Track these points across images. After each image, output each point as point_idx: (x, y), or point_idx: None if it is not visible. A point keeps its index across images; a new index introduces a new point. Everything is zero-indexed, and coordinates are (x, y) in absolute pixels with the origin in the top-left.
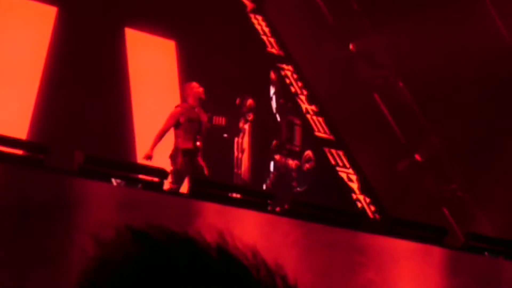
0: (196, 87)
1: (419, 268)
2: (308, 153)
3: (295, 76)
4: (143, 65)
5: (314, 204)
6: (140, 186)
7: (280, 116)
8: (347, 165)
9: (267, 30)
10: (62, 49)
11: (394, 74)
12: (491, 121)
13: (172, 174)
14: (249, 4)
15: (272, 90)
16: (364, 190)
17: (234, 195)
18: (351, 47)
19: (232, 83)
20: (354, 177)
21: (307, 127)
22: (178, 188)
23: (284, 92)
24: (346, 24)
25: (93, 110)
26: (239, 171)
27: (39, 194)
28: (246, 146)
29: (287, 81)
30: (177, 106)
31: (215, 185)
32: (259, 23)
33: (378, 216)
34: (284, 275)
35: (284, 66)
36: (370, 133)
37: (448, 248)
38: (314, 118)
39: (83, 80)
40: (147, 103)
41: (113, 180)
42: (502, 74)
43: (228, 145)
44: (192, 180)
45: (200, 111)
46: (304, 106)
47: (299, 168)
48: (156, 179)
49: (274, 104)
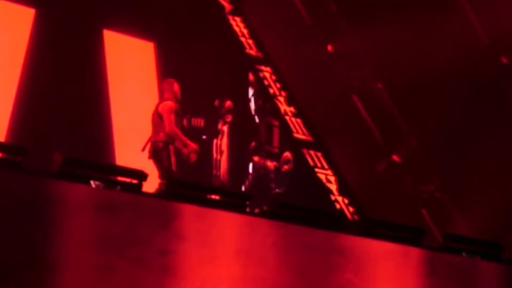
0: (176, 85)
1: (397, 269)
2: (287, 154)
3: (273, 77)
4: (121, 66)
5: (293, 205)
6: (118, 188)
7: (258, 117)
8: (326, 166)
9: (245, 31)
10: (40, 51)
11: (373, 75)
12: (469, 122)
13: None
14: (227, 6)
15: (250, 92)
16: (342, 191)
17: (213, 197)
18: (329, 48)
19: (211, 85)
20: (332, 178)
21: (285, 129)
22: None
23: (262, 93)
24: (324, 25)
25: (71, 112)
26: (218, 173)
27: (16, 197)
28: (224, 147)
29: (266, 82)
30: (168, 101)
31: (193, 186)
32: (237, 24)
33: (356, 217)
34: None
35: (263, 68)
36: (349, 134)
37: (425, 248)
38: (293, 119)
39: (61, 82)
40: (125, 105)
41: (92, 182)
42: (479, 75)
43: (207, 146)
44: (171, 181)
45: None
46: (283, 107)
47: (277, 169)
48: (135, 181)
49: (252, 105)
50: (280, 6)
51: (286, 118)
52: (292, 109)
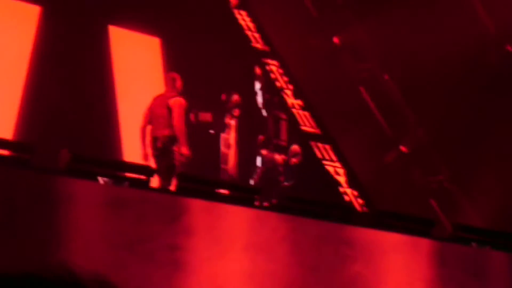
0: (179, 80)
1: (407, 260)
2: (295, 147)
3: (280, 71)
4: (127, 62)
5: (302, 198)
6: (126, 183)
7: (266, 111)
8: (334, 158)
9: (251, 25)
10: (46, 47)
11: (379, 66)
12: (477, 111)
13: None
14: (233, 0)
15: (257, 85)
16: (351, 183)
17: (221, 191)
18: (336, 40)
19: (218, 79)
20: (341, 170)
21: (293, 122)
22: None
23: (269, 87)
24: (330, 17)
25: (78, 108)
26: (226, 167)
27: (26, 194)
28: (232, 141)
29: (273, 76)
30: (179, 97)
31: (202, 181)
32: (243, 18)
33: (365, 209)
34: None
35: (269, 61)
36: (357, 126)
37: (435, 239)
38: (300, 112)
39: (68, 78)
40: (132, 101)
41: (99, 178)
42: (487, 65)
43: (215, 141)
44: (179, 176)
45: None
46: (290, 100)
47: (286, 162)
48: (142, 177)
49: (259, 99)
50: None
51: (294, 111)
52: (299, 102)
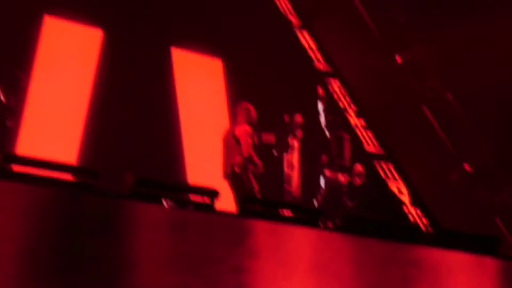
0: (253, 110)
1: (473, 280)
2: (358, 167)
3: (343, 91)
4: (190, 84)
5: (366, 218)
6: (191, 207)
7: (329, 131)
8: (398, 178)
9: (313, 45)
10: (109, 71)
11: (442, 85)
12: None
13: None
14: (295, 21)
15: (320, 106)
16: (415, 202)
17: (286, 213)
18: (398, 59)
19: (280, 100)
20: (405, 190)
21: (356, 142)
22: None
23: (332, 107)
24: (392, 36)
25: (141, 132)
26: (290, 188)
27: (90, 218)
28: (295, 162)
29: (335, 96)
30: (241, 125)
31: (265, 203)
32: (305, 38)
33: (430, 229)
34: None
35: (332, 81)
36: (420, 145)
37: (502, 258)
38: (363, 132)
39: (130, 101)
40: (195, 123)
41: (164, 201)
42: None
43: (278, 162)
44: (243, 198)
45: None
46: (353, 120)
47: (349, 183)
48: (207, 200)
49: (322, 119)
50: (347, 19)
51: (357, 131)
52: (362, 122)
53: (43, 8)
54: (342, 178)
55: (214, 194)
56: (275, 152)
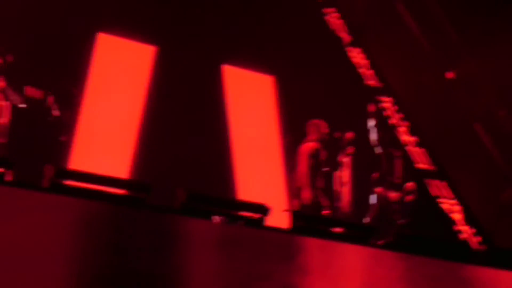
0: (320, 126)
1: None
2: (410, 184)
3: (394, 107)
4: (241, 100)
5: (418, 236)
6: (241, 222)
7: (380, 148)
8: (450, 196)
9: (364, 62)
10: (161, 87)
11: (495, 101)
12: None
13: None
14: (346, 37)
15: (371, 123)
16: (468, 220)
17: (336, 230)
18: (450, 76)
19: (331, 117)
20: (457, 207)
21: (407, 159)
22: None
23: (383, 124)
24: (444, 53)
25: (193, 147)
26: (340, 205)
27: (142, 233)
28: (346, 179)
29: (386, 113)
30: (310, 142)
31: (316, 219)
32: (356, 55)
33: (483, 247)
34: None
35: (383, 98)
36: (473, 162)
37: None
38: (415, 149)
39: (182, 117)
40: (246, 139)
41: (214, 217)
42: None
43: (328, 179)
44: (293, 215)
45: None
46: (404, 137)
47: (400, 200)
48: (257, 215)
49: (373, 136)
50: (399, 35)
51: (408, 148)
52: (413, 138)
53: (98, 26)
54: (393, 195)
55: (264, 210)
56: (325, 169)
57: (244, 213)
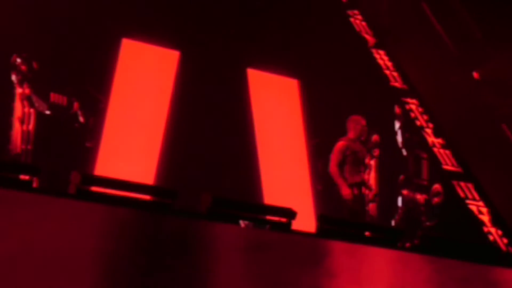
0: (359, 121)
1: None
2: (437, 186)
3: (420, 109)
4: (266, 104)
5: (445, 238)
6: (268, 227)
7: (406, 150)
8: (477, 197)
9: (389, 64)
10: (186, 92)
11: None
12: None
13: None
14: (370, 40)
15: (397, 125)
16: (495, 222)
17: (364, 233)
18: (476, 75)
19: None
20: (484, 209)
21: (434, 161)
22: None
23: (409, 126)
24: (470, 53)
25: (218, 152)
26: (367, 208)
27: (168, 238)
28: (373, 182)
29: (412, 114)
30: (341, 140)
31: (343, 222)
32: (381, 57)
33: (511, 249)
34: None
35: (409, 100)
36: (500, 164)
37: None
38: (441, 151)
39: (207, 122)
40: (272, 143)
41: (241, 221)
42: None
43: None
44: (320, 218)
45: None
46: (431, 139)
47: (427, 202)
48: (283, 220)
49: (399, 138)
50: (423, 36)
51: (434, 150)
52: (440, 140)
53: (122, 32)
54: (420, 197)
55: (291, 214)
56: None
57: (270, 217)
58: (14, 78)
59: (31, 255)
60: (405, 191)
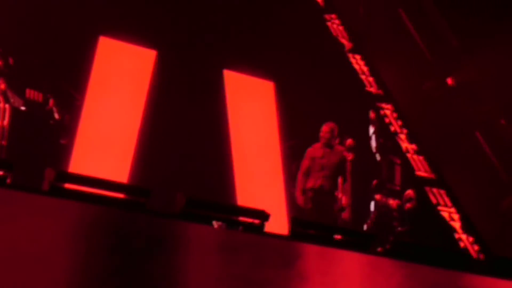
0: (322, 131)
1: None
2: (409, 192)
3: (394, 115)
4: (242, 105)
5: (417, 244)
6: (240, 228)
7: (380, 155)
8: (449, 204)
9: (365, 69)
10: (161, 92)
11: (496, 109)
12: None
13: None
14: (347, 44)
15: (371, 130)
16: (466, 229)
17: (336, 236)
18: (450, 82)
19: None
20: (456, 216)
21: (407, 166)
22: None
23: (383, 131)
24: (445, 60)
25: (192, 152)
26: (337, 214)
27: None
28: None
29: (387, 120)
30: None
31: (315, 226)
32: (357, 62)
33: (482, 256)
34: None
35: (383, 105)
36: (472, 171)
37: None
38: (415, 157)
39: (182, 122)
40: (246, 144)
41: (214, 222)
42: None
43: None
44: (293, 221)
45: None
46: (404, 145)
47: (400, 207)
48: (257, 221)
49: (373, 143)
50: (399, 42)
51: (408, 155)
52: (413, 146)
53: (99, 29)
54: (393, 202)
55: (264, 216)
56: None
57: (243, 218)
58: None
59: (3, 251)
60: (378, 196)
